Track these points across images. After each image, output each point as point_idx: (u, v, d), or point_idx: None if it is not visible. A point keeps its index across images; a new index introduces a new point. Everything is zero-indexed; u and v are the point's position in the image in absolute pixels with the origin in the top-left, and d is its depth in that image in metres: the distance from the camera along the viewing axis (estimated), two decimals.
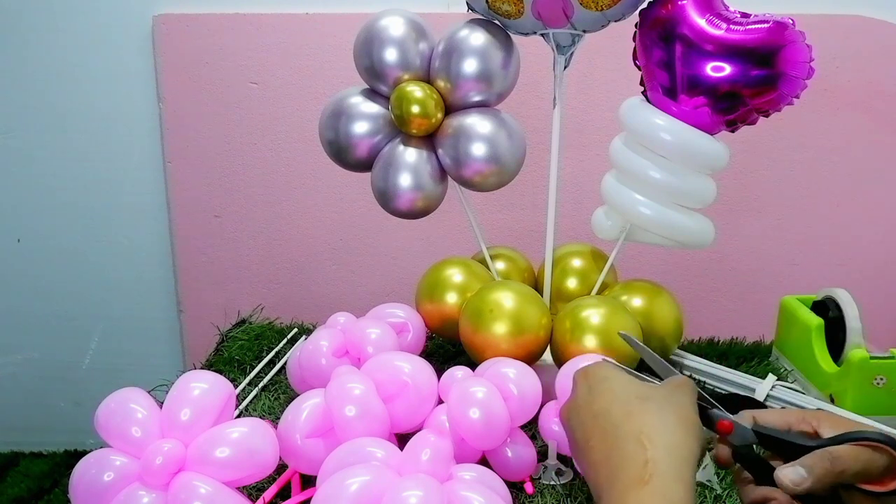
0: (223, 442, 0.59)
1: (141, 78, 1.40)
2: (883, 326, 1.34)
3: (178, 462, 0.58)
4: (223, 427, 0.61)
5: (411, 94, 0.87)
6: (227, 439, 0.60)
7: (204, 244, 1.47)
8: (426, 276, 0.98)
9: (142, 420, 0.61)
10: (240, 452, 0.59)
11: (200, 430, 0.60)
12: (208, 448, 0.59)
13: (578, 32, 0.87)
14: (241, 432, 0.60)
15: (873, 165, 1.35)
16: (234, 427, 0.61)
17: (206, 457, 0.59)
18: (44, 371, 1.60)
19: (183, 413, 0.60)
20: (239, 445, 0.59)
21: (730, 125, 0.86)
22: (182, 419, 0.60)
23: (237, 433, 0.60)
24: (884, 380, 0.83)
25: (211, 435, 0.60)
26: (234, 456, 0.59)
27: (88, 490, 0.59)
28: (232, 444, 0.59)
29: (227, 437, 0.60)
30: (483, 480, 0.60)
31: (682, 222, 0.88)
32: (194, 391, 0.62)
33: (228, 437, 0.60)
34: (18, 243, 1.53)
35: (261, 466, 0.60)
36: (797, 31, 0.79)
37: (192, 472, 0.58)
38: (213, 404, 0.61)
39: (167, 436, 0.60)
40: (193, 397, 0.62)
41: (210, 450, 0.59)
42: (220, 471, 0.59)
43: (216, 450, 0.59)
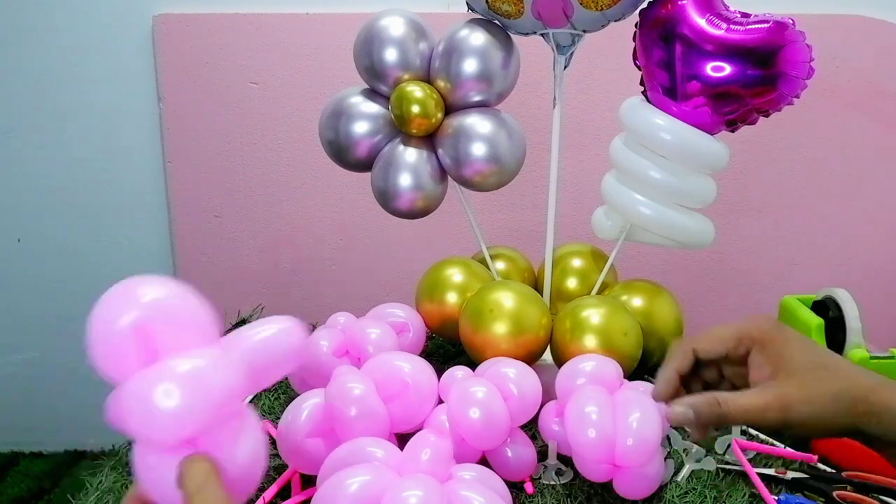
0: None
1: (141, 78, 1.40)
2: (883, 326, 1.34)
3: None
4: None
5: (411, 94, 0.87)
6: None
7: (204, 244, 1.47)
8: (426, 276, 0.98)
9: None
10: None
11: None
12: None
13: (578, 32, 0.87)
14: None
15: (873, 165, 1.35)
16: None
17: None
18: (44, 371, 1.60)
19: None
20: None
21: (730, 125, 0.86)
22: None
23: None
24: None
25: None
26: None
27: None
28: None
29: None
30: (483, 480, 0.60)
31: (682, 222, 0.88)
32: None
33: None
34: (18, 243, 1.53)
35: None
36: (797, 31, 0.79)
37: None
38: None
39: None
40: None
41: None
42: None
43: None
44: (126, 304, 0.44)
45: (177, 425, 0.39)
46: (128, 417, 0.40)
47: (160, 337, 0.42)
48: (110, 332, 0.42)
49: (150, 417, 0.39)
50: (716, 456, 0.76)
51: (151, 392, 0.39)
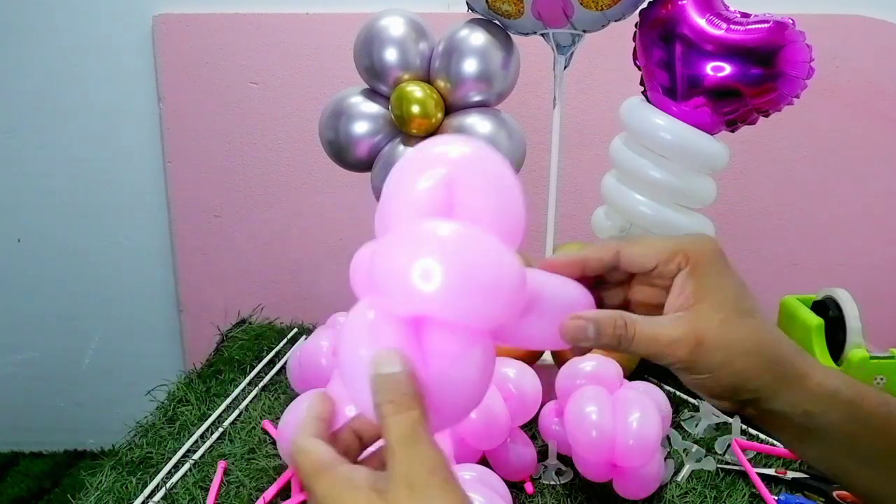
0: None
1: (141, 78, 1.40)
2: (883, 326, 1.34)
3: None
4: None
5: (411, 94, 0.87)
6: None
7: (204, 244, 1.47)
8: None
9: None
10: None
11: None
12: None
13: (578, 32, 0.87)
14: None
15: (873, 165, 1.34)
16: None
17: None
18: (44, 371, 1.60)
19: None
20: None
21: (730, 125, 0.86)
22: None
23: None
24: (884, 380, 0.83)
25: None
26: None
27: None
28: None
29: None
30: (483, 480, 0.60)
31: (682, 222, 0.88)
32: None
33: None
34: (18, 243, 1.53)
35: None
36: (797, 31, 0.79)
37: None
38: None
39: None
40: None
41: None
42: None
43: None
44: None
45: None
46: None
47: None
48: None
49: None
50: (716, 456, 0.76)
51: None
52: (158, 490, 0.71)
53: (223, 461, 0.76)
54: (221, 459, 0.76)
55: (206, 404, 0.89)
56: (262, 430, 0.83)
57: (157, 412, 0.87)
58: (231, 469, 0.75)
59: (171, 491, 0.71)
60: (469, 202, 0.36)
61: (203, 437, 0.81)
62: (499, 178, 0.38)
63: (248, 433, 0.82)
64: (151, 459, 0.77)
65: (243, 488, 0.72)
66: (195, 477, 0.73)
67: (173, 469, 0.75)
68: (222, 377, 0.97)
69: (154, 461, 0.77)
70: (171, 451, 0.78)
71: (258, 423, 0.84)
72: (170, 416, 0.86)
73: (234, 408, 0.88)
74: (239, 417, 0.86)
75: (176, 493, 0.71)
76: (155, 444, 0.80)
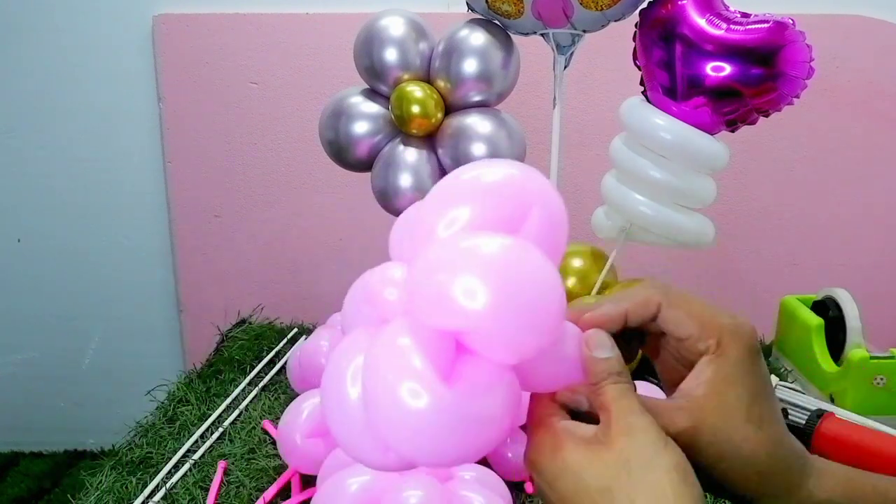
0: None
1: (141, 78, 1.40)
2: (883, 326, 1.34)
3: None
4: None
5: (411, 94, 0.87)
6: None
7: (204, 244, 1.47)
8: None
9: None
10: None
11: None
12: None
13: (578, 32, 0.87)
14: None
15: (873, 165, 1.35)
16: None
17: None
18: (44, 371, 1.60)
19: None
20: None
21: (730, 125, 0.86)
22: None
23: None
24: (884, 380, 0.83)
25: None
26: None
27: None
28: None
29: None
30: (483, 480, 0.60)
31: (682, 222, 0.88)
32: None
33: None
34: (18, 243, 1.53)
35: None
36: (797, 31, 0.79)
37: None
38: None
39: None
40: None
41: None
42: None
43: None
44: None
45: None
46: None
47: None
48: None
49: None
50: None
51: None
52: (158, 490, 0.71)
53: (223, 461, 0.76)
54: (221, 459, 0.76)
55: (206, 404, 0.89)
56: (262, 430, 0.83)
57: (157, 412, 0.87)
58: (231, 469, 0.75)
59: (171, 491, 0.71)
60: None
61: (203, 437, 0.81)
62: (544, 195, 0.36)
63: (248, 433, 0.82)
64: (151, 459, 0.77)
65: (243, 488, 0.72)
66: (195, 477, 0.73)
67: (173, 469, 0.75)
68: (222, 377, 0.97)
69: (154, 461, 0.77)
70: (171, 451, 0.78)
71: (258, 423, 0.84)
72: (170, 416, 0.86)
73: (234, 408, 0.88)
74: (239, 417, 0.86)
75: (176, 493, 0.71)
76: (155, 444, 0.80)
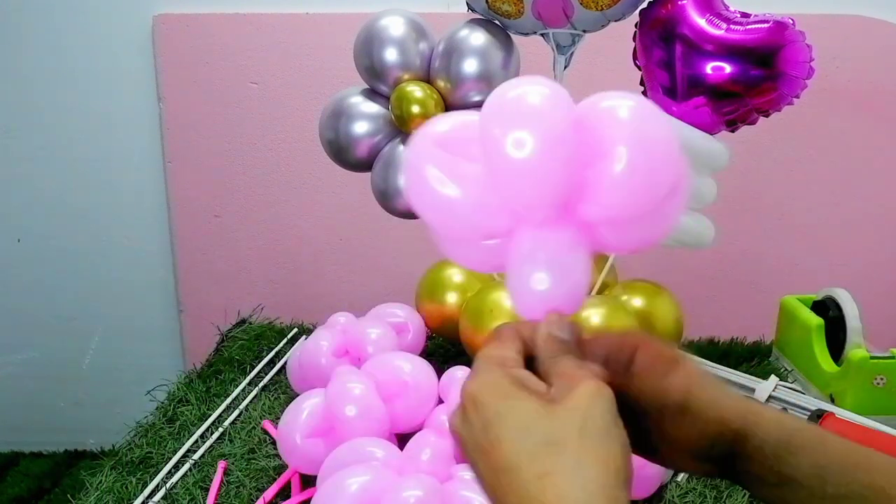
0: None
1: (141, 78, 1.40)
2: (883, 326, 1.34)
3: None
4: None
5: (411, 94, 0.87)
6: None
7: (204, 244, 1.47)
8: (426, 276, 0.98)
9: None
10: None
11: None
12: None
13: (578, 32, 0.87)
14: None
15: (873, 165, 1.35)
16: None
17: None
18: (44, 371, 1.60)
19: None
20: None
21: (730, 125, 0.86)
22: None
23: None
24: (884, 380, 0.83)
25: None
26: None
27: None
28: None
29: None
30: None
31: (683, 222, 0.88)
32: None
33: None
34: (18, 243, 1.53)
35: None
36: (797, 31, 0.79)
37: None
38: None
39: None
40: None
41: None
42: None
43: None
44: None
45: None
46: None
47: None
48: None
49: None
50: None
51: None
52: (158, 490, 0.71)
53: (223, 461, 0.76)
54: (221, 459, 0.76)
55: (206, 404, 0.89)
56: (262, 430, 0.83)
57: (157, 412, 0.87)
58: (231, 469, 0.75)
59: (171, 491, 0.71)
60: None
61: (203, 437, 0.81)
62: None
63: (248, 433, 0.82)
64: (151, 459, 0.77)
65: (243, 488, 0.72)
66: (195, 477, 0.73)
67: (173, 469, 0.75)
68: (222, 377, 0.97)
69: (154, 461, 0.77)
70: (171, 451, 0.78)
71: (258, 423, 0.84)
72: (170, 416, 0.86)
73: (234, 408, 0.88)
74: (239, 417, 0.86)
75: (176, 493, 0.71)
76: (155, 444, 0.80)
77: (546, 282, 0.36)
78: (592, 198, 0.36)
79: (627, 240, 0.38)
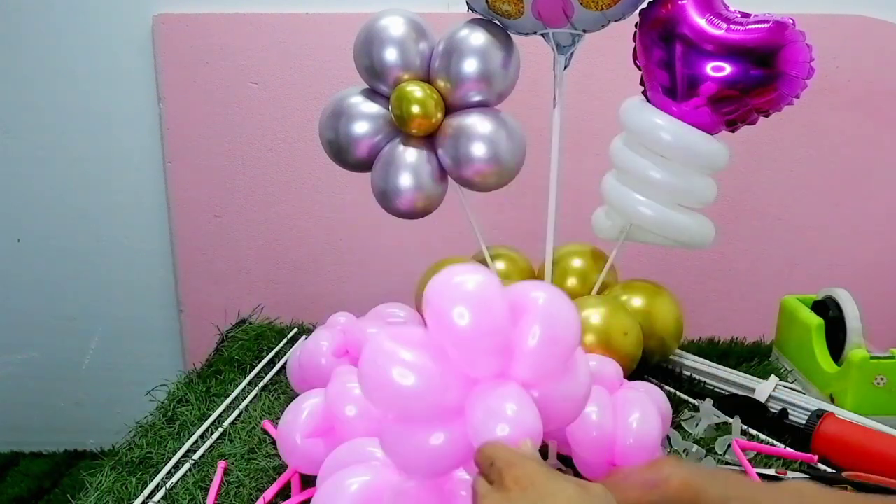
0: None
1: (141, 78, 1.40)
2: (883, 326, 1.34)
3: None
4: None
5: (411, 94, 0.87)
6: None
7: (204, 244, 1.47)
8: (426, 276, 0.98)
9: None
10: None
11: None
12: None
13: (578, 32, 0.87)
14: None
15: (873, 165, 1.35)
16: None
17: None
18: (44, 371, 1.60)
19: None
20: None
21: (730, 125, 0.86)
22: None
23: None
24: (884, 380, 0.83)
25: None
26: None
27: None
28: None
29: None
30: None
31: (683, 222, 0.88)
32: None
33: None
34: (18, 243, 1.53)
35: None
36: (797, 31, 0.79)
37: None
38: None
39: None
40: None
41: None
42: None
43: None
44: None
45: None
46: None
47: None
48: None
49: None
50: (716, 456, 0.76)
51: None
52: (158, 490, 0.71)
53: (223, 461, 0.76)
54: (221, 459, 0.76)
55: (206, 404, 0.89)
56: (262, 430, 0.83)
57: (157, 412, 0.87)
58: (231, 469, 0.75)
59: (171, 491, 0.71)
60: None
61: (203, 437, 0.81)
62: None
63: (248, 433, 0.82)
64: (151, 459, 0.77)
65: (243, 488, 0.72)
66: (195, 477, 0.73)
67: (173, 469, 0.75)
68: (222, 377, 0.97)
69: (154, 461, 0.77)
70: (171, 451, 0.78)
71: (258, 423, 0.84)
72: (170, 416, 0.86)
73: (234, 408, 0.88)
74: (239, 417, 0.86)
75: (176, 493, 0.71)
76: (155, 444, 0.80)
77: (507, 428, 0.44)
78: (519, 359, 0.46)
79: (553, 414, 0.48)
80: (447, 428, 0.46)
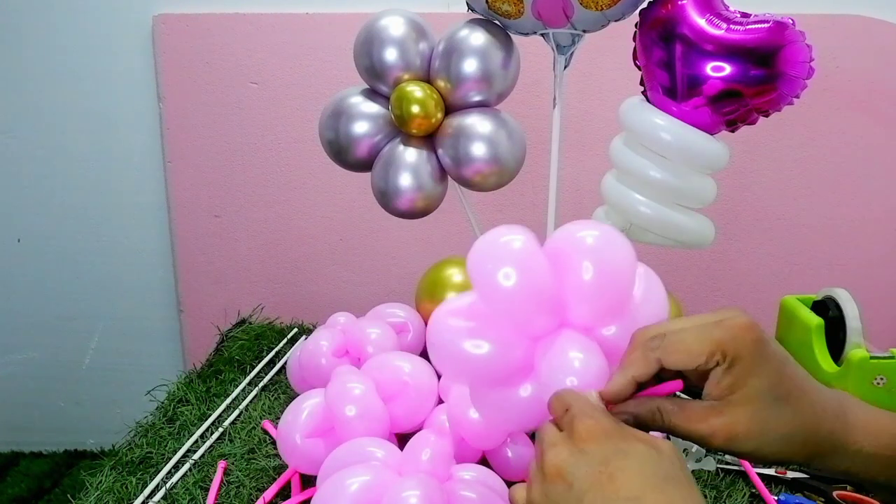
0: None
1: (141, 78, 1.40)
2: (883, 326, 1.34)
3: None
4: None
5: (411, 94, 0.87)
6: None
7: (204, 244, 1.47)
8: (426, 276, 0.98)
9: None
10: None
11: None
12: None
13: (578, 32, 0.87)
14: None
15: (873, 165, 1.34)
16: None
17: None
18: (44, 371, 1.60)
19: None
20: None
21: (730, 125, 0.86)
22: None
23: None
24: (884, 380, 0.83)
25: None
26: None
27: None
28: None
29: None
30: (483, 480, 0.60)
31: (682, 222, 0.88)
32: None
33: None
34: (18, 243, 1.53)
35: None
36: (797, 31, 0.79)
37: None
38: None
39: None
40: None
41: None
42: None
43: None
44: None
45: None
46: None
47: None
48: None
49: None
50: (716, 456, 0.76)
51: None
52: (158, 490, 0.71)
53: (223, 461, 0.76)
54: (221, 459, 0.76)
55: (206, 404, 0.89)
56: (262, 430, 0.83)
57: (157, 412, 0.87)
58: (231, 469, 0.75)
59: (171, 491, 0.71)
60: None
61: (203, 437, 0.81)
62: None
63: (248, 433, 0.82)
64: (151, 459, 0.77)
65: (243, 488, 0.72)
66: (195, 477, 0.73)
67: (173, 469, 0.75)
68: (222, 377, 0.97)
69: (154, 461, 0.77)
70: (171, 451, 0.78)
71: (258, 423, 0.84)
72: (170, 416, 0.86)
73: (234, 408, 0.88)
74: (239, 417, 0.86)
75: (176, 493, 0.71)
76: (155, 444, 0.80)
77: (575, 380, 0.43)
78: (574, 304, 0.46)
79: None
80: (532, 381, 0.46)
